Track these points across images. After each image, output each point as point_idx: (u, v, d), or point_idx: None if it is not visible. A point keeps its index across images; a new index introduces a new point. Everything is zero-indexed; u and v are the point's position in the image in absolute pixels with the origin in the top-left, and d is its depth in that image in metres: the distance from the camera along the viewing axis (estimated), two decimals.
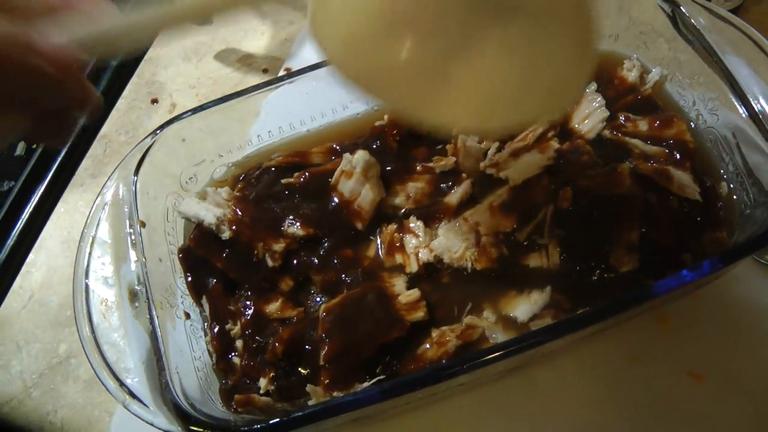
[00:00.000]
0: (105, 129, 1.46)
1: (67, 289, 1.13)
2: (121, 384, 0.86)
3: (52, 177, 1.41)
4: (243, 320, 1.00)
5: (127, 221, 1.00)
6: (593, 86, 1.13)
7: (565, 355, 1.08)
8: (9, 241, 1.34)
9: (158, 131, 1.07)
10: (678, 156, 1.04)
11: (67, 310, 1.21)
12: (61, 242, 1.32)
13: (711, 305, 1.10)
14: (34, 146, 1.44)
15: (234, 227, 1.03)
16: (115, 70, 1.53)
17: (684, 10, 1.08)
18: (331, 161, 1.12)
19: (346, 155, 1.07)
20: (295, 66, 1.46)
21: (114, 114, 1.48)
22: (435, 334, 0.96)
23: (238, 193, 1.10)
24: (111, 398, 1.04)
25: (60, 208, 1.36)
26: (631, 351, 1.08)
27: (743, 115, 0.99)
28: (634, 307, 0.87)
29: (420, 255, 1.01)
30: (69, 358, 1.19)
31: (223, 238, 1.04)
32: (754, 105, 0.98)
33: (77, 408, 1.13)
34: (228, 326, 1.02)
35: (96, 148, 1.44)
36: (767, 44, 1.00)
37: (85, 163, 1.42)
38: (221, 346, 1.01)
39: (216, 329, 1.02)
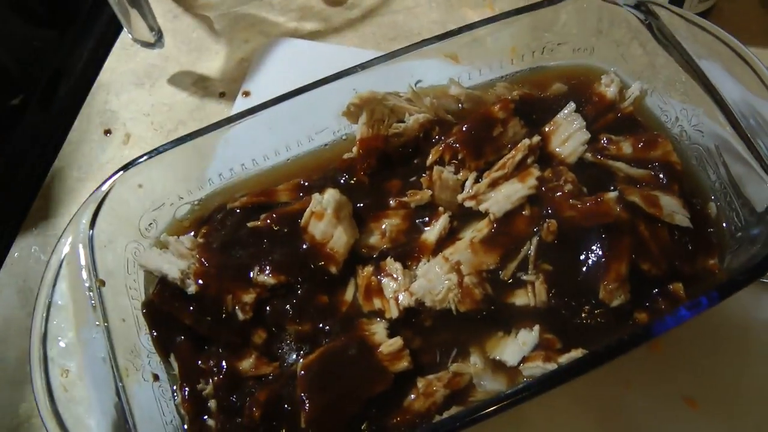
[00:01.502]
0: (57, 164, 1.39)
1: (25, 343, 1.07)
2: None
3: (1, 219, 1.34)
4: (215, 379, 0.96)
5: (86, 283, 0.95)
6: (572, 106, 1.09)
7: (555, 391, 1.05)
8: None
9: (111, 177, 1.02)
10: (665, 179, 1.01)
11: (26, 365, 1.13)
12: (17, 291, 1.25)
13: (703, 327, 1.08)
14: None
15: (200, 281, 0.98)
16: (64, 98, 1.46)
17: (659, 17, 1.06)
18: (299, 199, 1.08)
19: (316, 196, 1.02)
20: (254, 88, 1.40)
21: (66, 147, 1.41)
22: (421, 384, 0.92)
23: (201, 240, 1.04)
24: None
25: (13, 254, 1.29)
26: (624, 377, 1.06)
27: (721, 120, 0.99)
28: (630, 349, 0.84)
29: (400, 299, 0.97)
30: (30, 418, 1.13)
31: (189, 293, 0.98)
32: (733, 111, 0.97)
33: None
34: (200, 386, 0.97)
35: (48, 186, 1.37)
36: (742, 48, 0.99)
37: (38, 203, 1.35)
38: (193, 407, 0.96)
39: (186, 391, 0.97)
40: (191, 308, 0.99)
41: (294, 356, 0.98)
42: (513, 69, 1.20)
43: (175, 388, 0.98)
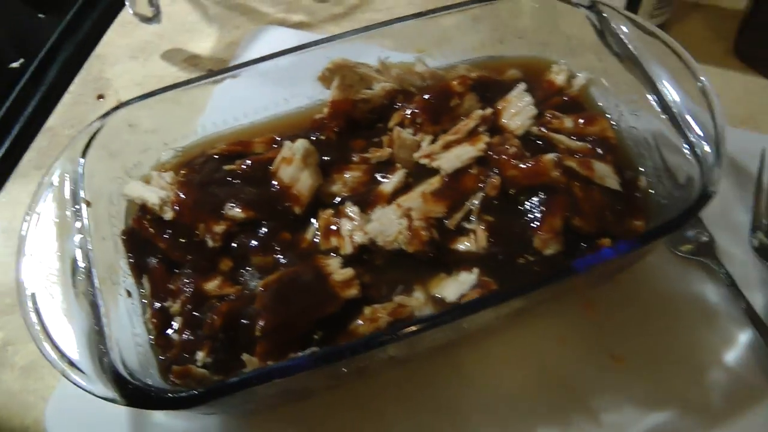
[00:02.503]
0: (50, 122, 1.51)
1: (6, 278, 1.16)
2: (62, 354, 0.90)
3: None
4: (183, 297, 1.06)
5: (72, 199, 1.05)
6: (523, 86, 1.21)
7: (493, 339, 1.16)
8: None
9: (106, 116, 1.13)
10: (600, 151, 1.12)
11: (6, 297, 1.24)
12: (2, 232, 1.35)
13: (632, 293, 1.20)
14: None
15: (176, 208, 1.09)
16: (62, 65, 1.59)
17: (611, 22, 1.18)
18: (272, 150, 1.19)
19: (287, 142, 1.13)
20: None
21: (60, 108, 1.53)
22: (367, 311, 1.02)
23: (181, 178, 1.15)
24: (47, 384, 1.13)
25: (2, 198, 1.40)
26: (559, 333, 1.16)
27: (657, 111, 1.10)
28: (554, 282, 0.95)
29: (354, 237, 1.07)
30: (6, 345, 1.21)
31: (166, 219, 1.10)
32: (674, 111, 1.09)
33: (12, 394, 1.16)
34: (167, 303, 1.07)
35: (40, 141, 1.48)
36: (689, 57, 1.09)
37: (29, 155, 1.46)
38: (160, 323, 1.06)
39: (156, 307, 1.07)
40: (166, 233, 1.10)
41: (255, 283, 1.08)
42: (474, 56, 1.33)
43: (145, 302, 1.09)
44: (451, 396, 1.12)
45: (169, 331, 1.06)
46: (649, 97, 1.13)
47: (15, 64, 1.57)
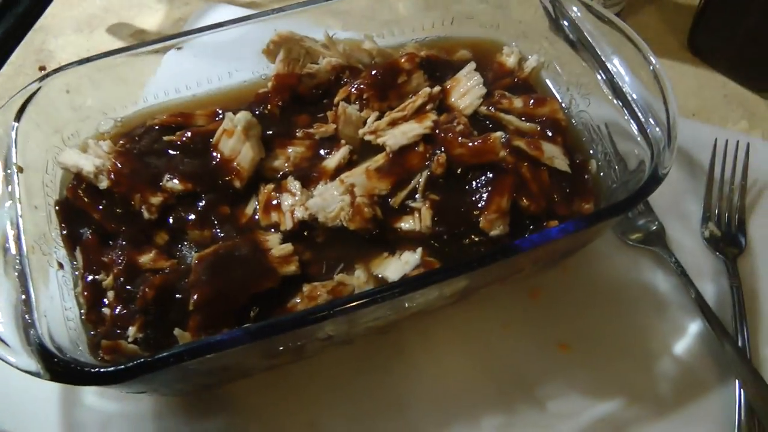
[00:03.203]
0: None
1: None
2: None
3: None
4: (115, 270, 1.03)
5: (3, 164, 1.03)
6: (472, 65, 1.20)
7: (437, 323, 1.15)
8: None
9: (43, 80, 1.10)
10: (550, 133, 1.12)
11: None
12: None
13: (579, 280, 1.20)
14: None
15: (112, 177, 1.07)
16: (3, 35, 1.55)
17: (565, 6, 1.18)
18: (213, 122, 1.17)
19: (229, 114, 1.11)
20: (187, 45, 1.50)
21: None
22: (306, 288, 1.00)
23: (119, 148, 1.13)
24: None
25: None
26: (503, 319, 1.16)
27: (615, 103, 1.10)
28: (497, 260, 0.93)
29: (295, 213, 1.06)
30: None
31: (101, 188, 1.07)
32: (626, 95, 1.09)
33: None
34: (100, 277, 1.04)
35: None
36: (642, 42, 1.09)
37: None
38: (92, 296, 1.04)
39: (88, 279, 1.05)
40: (101, 204, 1.08)
41: (191, 258, 1.05)
42: (424, 35, 1.32)
43: (77, 275, 1.06)
44: (393, 382, 1.11)
45: (101, 307, 1.03)
46: (601, 81, 1.13)
47: None
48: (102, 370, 0.84)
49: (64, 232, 1.09)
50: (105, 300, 1.04)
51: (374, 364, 1.12)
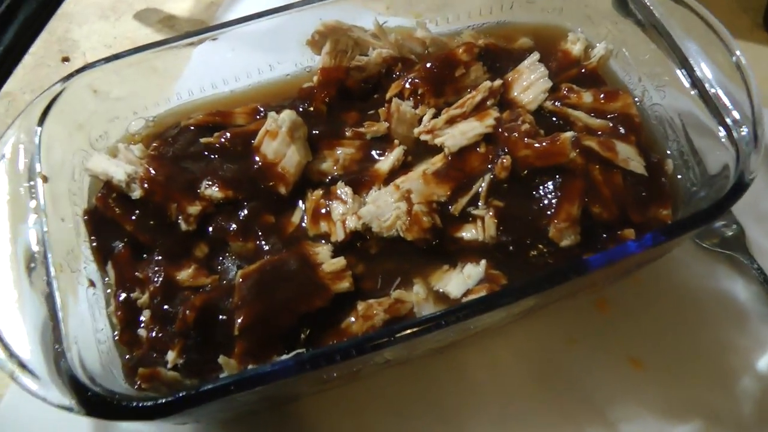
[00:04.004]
0: (9, 86, 1.41)
1: None
2: (11, 354, 0.81)
3: None
4: (152, 288, 0.97)
5: (27, 174, 0.96)
6: (536, 55, 1.12)
7: (498, 339, 1.08)
8: None
9: (68, 79, 1.03)
10: (623, 130, 1.04)
11: None
12: None
13: (651, 290, 1.11)
14: None
15: (146, 185, 1.00)
16: (23, 23, 1.48)
17: None
18: (254, 122, 1.10)
19: (272, 114, 1.04)
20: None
21: (20, 71, 1.42)
22: (361, 307, 0.94)
23: (152, 152, 1.06)
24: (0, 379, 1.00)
25: None
26: (568, 334, 1.08)
27: (686, 88, 1.02)
28: (573, 278, 0.86)
29: (347, 222, 0.99)
30: None
31: (134, 198, 1.00)
32: (705, 87, 1.00)
33: None
34: (135, 295, 0.98)
35: None
36: (721, 27, 1.01)
37: None
38: (126, 316, 0.97)
39: (121, 297, 0.98)
40: (134, 214, 1.01)
41: (234, 272, 0.99)
42: (480, 21, 1.23)
43: (109, 293, 0.99)
44: (452, 402, 1.04)
45: (137, 327, 0.97)
46: (677, 71, 1.04)
47: None
48: (141, 404, 0.77)
49: (94, 244, 1.02)
50: (141, 319, 0.97)
51: (432, 384, 1.05)
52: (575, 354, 1.07)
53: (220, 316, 0.93)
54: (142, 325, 0.97)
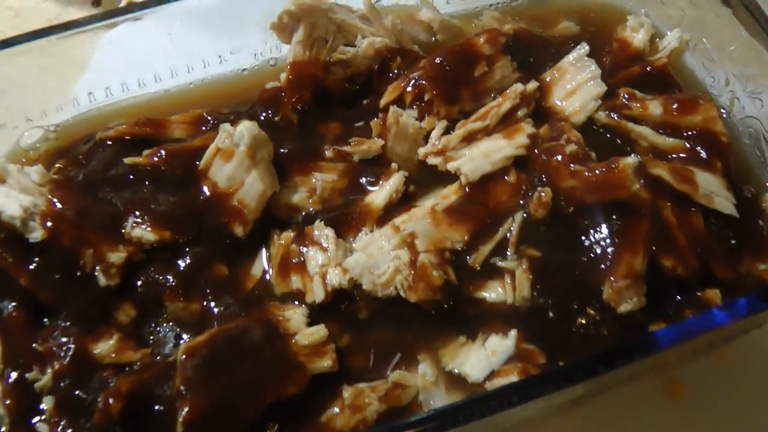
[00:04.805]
0: None
1: None
2: None
3: None
4: (56, 366, 0.99)
5: None
6: (584, 48, 1.16)
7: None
8: None
9: None
10: (704, 153, 1.08)
11: None
12: None
13: (738, 370, 1.17)
14: None
15: (49, 223, 1.03)
16: None
17: None
18: (199, 135, 1.13)
19: (224, 126, 1.07)
20: None
21: None
22: (348, 393, 0.97)
23: (57, 175, 1.09)
24: None
25: None
26: (630, 428, 1.14)
27: None
28: (638, 357, 0.89)
29: (328, 277, 1.03)
30: None
31: (32, 241, 1.03)
32: None
33: None
34: (32, 375, 1.01)
35: None
36: None
37: None
38: (18, 404, 1.00)
39: (11, 378, 1.01)
40: (32, 263, 1.04)
41: (172, 344, 1.03)
42: None
43: None
44: None
45: (35, 419, 0.99)
46: None
47: None
48: None
49: None
50: (41, 408, 1.00)
51: None
52: None
53: (156, 407, 0.96)
54: (43, 417, 0.99)
